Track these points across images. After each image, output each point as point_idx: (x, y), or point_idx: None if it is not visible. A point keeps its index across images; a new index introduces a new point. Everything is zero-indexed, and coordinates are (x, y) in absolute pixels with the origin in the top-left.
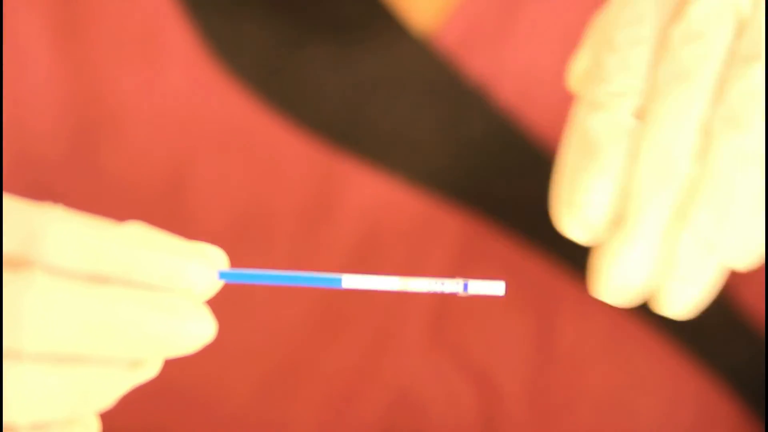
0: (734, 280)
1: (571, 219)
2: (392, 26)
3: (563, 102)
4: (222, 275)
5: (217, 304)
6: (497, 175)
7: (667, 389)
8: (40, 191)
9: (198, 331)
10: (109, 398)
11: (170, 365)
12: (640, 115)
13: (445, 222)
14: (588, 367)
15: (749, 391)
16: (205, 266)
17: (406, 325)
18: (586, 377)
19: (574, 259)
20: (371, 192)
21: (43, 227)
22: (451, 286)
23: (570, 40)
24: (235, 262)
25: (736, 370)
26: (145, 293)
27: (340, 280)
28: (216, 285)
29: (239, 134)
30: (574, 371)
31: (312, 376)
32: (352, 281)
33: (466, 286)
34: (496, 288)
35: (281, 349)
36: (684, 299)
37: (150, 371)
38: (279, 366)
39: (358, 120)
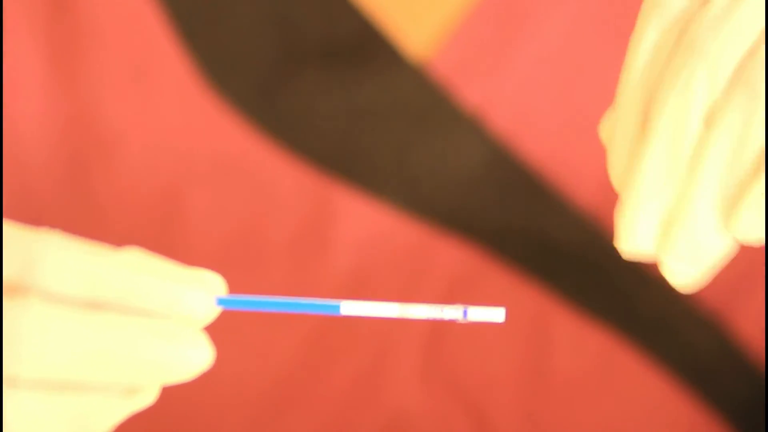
0: (731, 313)
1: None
2: (387, 53)
3: (559, 130)
4: (220, 302)
5: (210, 329)
6: (492, 204)
7: (661, 421)
8: (33, 220)
9: (196, 357)
10: (105, 425)
11: (163, 390)
12: None
13: (440, 251)
14: (582, 398)
15: (747, 424)
16: (203, 292)
17: (399, 352)
18: (580, 408)
19: (570, 288)
20: (365, 220)
21: (41, 253)
22: (451, 312)
23: (565, 68)
24: (228, 290)
25: (733, 402)
26: (143, 320)
27: (338, 307)
28: (214, 311)
29: (233, 162)
30: (568, 402)
31: (304, 403)
32: (350, 308)
33: (465, 313)
34: (495, 315)
35: (274, 375)
36: (681, 276)
37: (147, 398)
38: (272, 392)
39: (352, 147)
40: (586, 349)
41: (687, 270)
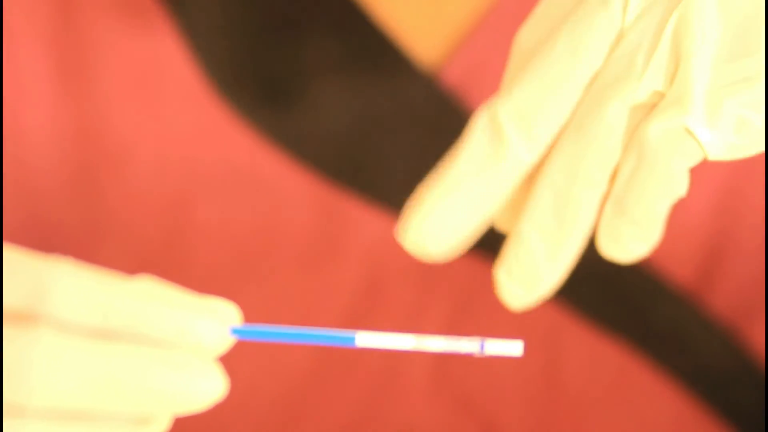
0: (746, 327)
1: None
2: (398, 62)
3: None
4: (234, 331)
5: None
6: None
7: None
8: (41, 230)
9: (208, 388)
10: None
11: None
12: None
13: (452, 262)
14: (595, 412)
15: None
16: (216, 322)
17: (409, 366)
18: (593, 422)
19: (583, 301)
20: (375, 230)
21: (52, 281)
22: (468, 345)
23: None
24: (238, 302)
25: (747, 415)
26: (154, 349)
27: (353, 339)
28: (227, 341)
29: (243, 171)
30: (581, 416)
31: (314, 417)
32: (365, 339)
33: (482, 346)
34: (513, 348)
35: (283, 388)
36: (514, 298)
37: (158, 428)
38: (281, 406)
39: (362, 157)
40: (599, 363)
41: (519, 292)
